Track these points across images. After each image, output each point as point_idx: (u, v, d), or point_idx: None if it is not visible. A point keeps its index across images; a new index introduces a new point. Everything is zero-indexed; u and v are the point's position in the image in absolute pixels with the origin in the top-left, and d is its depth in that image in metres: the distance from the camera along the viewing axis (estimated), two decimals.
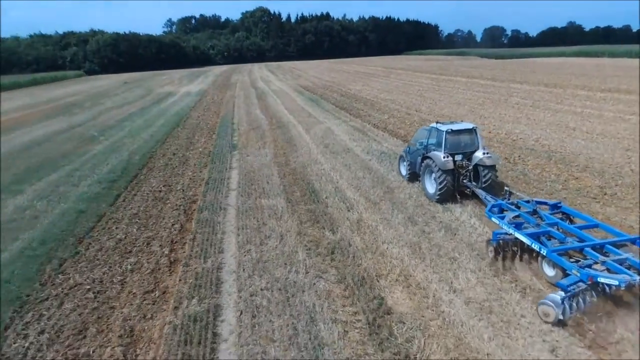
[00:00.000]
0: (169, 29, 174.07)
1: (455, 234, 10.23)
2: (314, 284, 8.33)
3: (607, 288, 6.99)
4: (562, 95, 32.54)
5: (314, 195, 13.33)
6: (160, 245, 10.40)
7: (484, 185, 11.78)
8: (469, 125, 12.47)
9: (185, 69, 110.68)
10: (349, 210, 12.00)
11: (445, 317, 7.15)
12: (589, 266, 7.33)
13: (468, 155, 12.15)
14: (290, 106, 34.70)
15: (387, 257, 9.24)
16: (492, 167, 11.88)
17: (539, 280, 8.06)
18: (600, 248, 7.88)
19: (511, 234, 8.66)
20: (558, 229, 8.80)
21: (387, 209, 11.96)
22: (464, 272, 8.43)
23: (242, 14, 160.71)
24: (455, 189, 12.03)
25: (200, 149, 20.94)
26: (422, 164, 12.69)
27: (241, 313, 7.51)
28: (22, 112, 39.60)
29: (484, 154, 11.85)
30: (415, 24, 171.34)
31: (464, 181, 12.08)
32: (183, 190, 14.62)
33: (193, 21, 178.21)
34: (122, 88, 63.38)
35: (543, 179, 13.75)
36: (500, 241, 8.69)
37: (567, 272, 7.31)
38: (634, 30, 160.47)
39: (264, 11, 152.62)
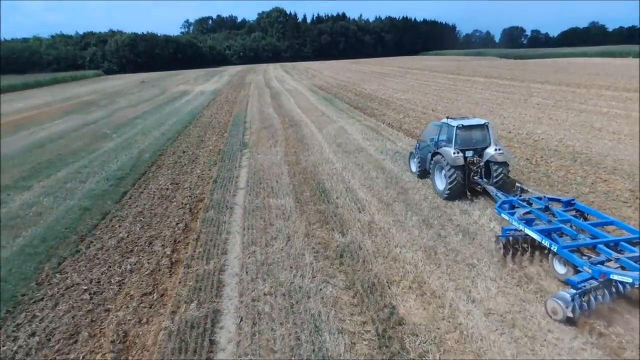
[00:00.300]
0: (187, 29, 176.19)
1: (473, 239, 9.55)
2: (321, 289, 7.79)
3: (620, 287, 6.67)
4: (585, 95, 31.23)
5: (324, 195, 12.79)
6: (162, 245, 10.00)
7: (495, 182, 11.44)
8: (481, 121, 12.14)
9: (201, 69, 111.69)
10: (360, 212, 11.42)
11: (462, 330, 6.52)
12: (602, 263, 7.00)
13: (479, 152, 11.83)
14: (303, 105, 34.25)
15: (399, 262, 8.63)
16: (504, 164, 11.53)
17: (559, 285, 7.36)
18: (614, 245, 7.58)
19: (521, 230, 8.39)
20: (571, 226, 8.45)
21: (401, 210, 11.34)
22: (483, 281, 7.77)
23: (258, 14, 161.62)
24: (465, 186, 11.69)
25: (210, 147, 20.62)
26: (432, 160, 12.45)
27: (241, 320, 7.02)
28: (39, 110, 40.13)
29: (495, 150, 11.48)
30: (432, 24, 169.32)
31: (475, 178, 11.74)
32: (190, 189, 14.26)
33: (210, 22, 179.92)
34: (139, 87, 63.97)
35: (568, 181, 12.91)
36: (510, 237, 8.45)
37: (579, 269, 7.05)
38: None
39: (280, 12, 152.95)
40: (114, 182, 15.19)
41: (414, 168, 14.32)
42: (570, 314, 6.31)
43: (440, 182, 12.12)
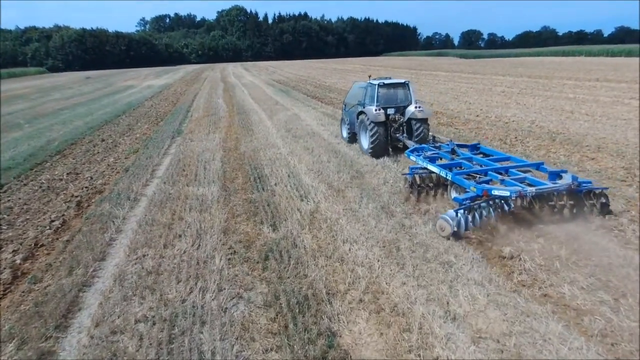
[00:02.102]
0: (143, 27, 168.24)
1: None
2: (226, 309, 5.11)
3: (505, 206, 7.13)
4: (548, 84, 30.33)
5: (260, 182, 10.11)
6: (14, 251, 6.96)
7: (417, 139, 11.52)
8: (401, 80, 12.58)
9: (156, 67, 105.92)
10: (302, 200, 8.82)
11: None
12: (487, 182, 7.57)
13: (401, 110, 12.09)
14: (257, 96, 31.40)
15: (347, 264, 6.09)
16: (424, 121, 11.74)
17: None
18: (505, 172, 8.14)
19: (426, 168, 8.75)
20: (472, 163, 8.87)
21: (355, 196, 8.84)
22: (465, 286, 5.36)
23: (218, 12, 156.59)
24: (388, 142, 12.01)
25: (137, 135, 17.42)
26: (358, 120, 12.51)
27: None
28: None
29: (416, 107, 11.74)
30: (394, 26, 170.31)
31: (397, 134, 12.07)
32: (91, 179, 11.16)
33: (167, 20, 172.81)
34: (81, 83, 58.63)
35: (551, 160, 10.92)
36: (416, 176, 8.69)
37: (466, 189, 7.38)
38: (605, 35, 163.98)
39: (240, 10, 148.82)
40: None
41: (344, 134, 14.20)
42: (455, 229, 6.63)
43: (365, 141, 12.14)
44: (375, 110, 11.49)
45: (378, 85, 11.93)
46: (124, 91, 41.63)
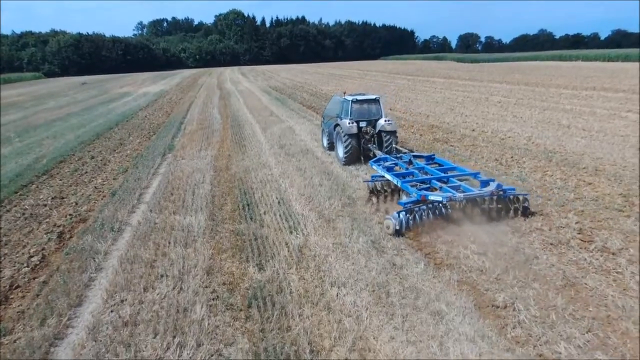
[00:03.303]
0: (140, 31, 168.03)
1: (439, 268, 6.92)
2: None
3: (443, 209, 8.35)
4: (545, 93, 30.18)
5: (249, 210, 9.83)
6: None
7: (386, 150, 12.78)
8: (373, 96, 13.72)
9: (153, 72, 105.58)
10: (291, 232, 8.55)
11: None
12: (426, 189, 9.00)
13: (372, 123, 13.30)
14: (253, 105, 31.17)
15: (334, 313, 5.82)
16: (393, 133, 13.00)
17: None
18: (445, 181, 9.45)
19: (383, 176, 10.08)
20: (422, 172, 10.15)
21: (345, 228, 8.57)
22: (457, 342, 5.09)
23: (215, 17, 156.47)
24: (360, 152, 13.22)
25: (128, 152, 17.13)
26: (335, 131, 13.82)
27: None
28: None
29: (385, 121, 13.00)
30: (392, 30, 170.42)
31: (368, 145, 13.27)
32: (76, 204, 10.86)
33: (165, 24, 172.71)
34: (76, 89, 58.33)
35: (548, 185, 10.67)
36: (376, 183, 10.07)
37: (410, 195, 8.81)
38: (602, 38, 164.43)
39: (237, 14, 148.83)
40: None
41: (325, 143, 15.25)
42: (397, 227, 7.95)
43: (340, 150, 13.31)
44: (349, 123, 12.80)
45: (352, 101, 13.24)
46: (119, 99, 41.32)
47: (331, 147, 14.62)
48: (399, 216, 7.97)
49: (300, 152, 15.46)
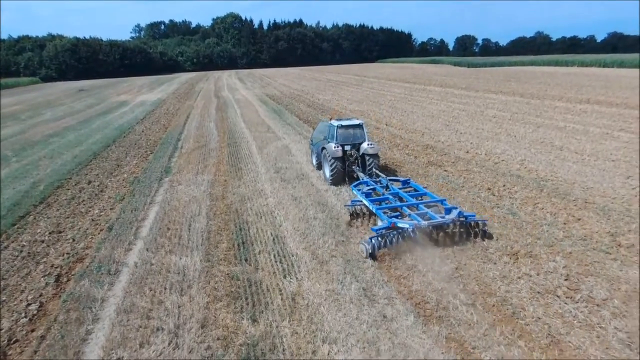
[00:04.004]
0: (138, 34, 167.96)
1: (427, 321, 7.10)
2: None
3: (411, 233, 9.22)
4: (540, 106, 30.46)
5: (244, 250, 9.98)
6: None
7: (368, 171, 13.86)
8: (357, 122, 14.80)
9: (151, 76, 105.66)
10: (285, 276, 8.72)
11: None
12: (397, 217, 10.10)
13: (357, 146, 14.37)
14: (250, 118, 31.36)
15: None
16: (375, 155, 14.07)
17: None
18: (415, 207, 10.60)
19: (361, 200, 11.30)
20: (396, 197, 11.37)
21: (338, 272, 8.74)
22: None
23: (213, 20, 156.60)
24: (345, 173, 14.30)
25: (125, 175, 17.26)
26: (322, 153, 14.90)
27: None
28: None
29: (368, 145, 14.04)
30: (389, 32, 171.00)
31: (352, 167, 14.33)
32: (74, 240, 11.00)
33: (162, 27, 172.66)
34: (73, 97, 58.37)
35: (537, 222, 10.86)
36: (356, 206, 11.20)
37: (382, 221, 9.90)
38: (598, 40, 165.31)
39: (235, 17, 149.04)
40: None
41: (314, 162, 16.55)
42: (370, 250, 8.98)
43: (327, 171, 14.34)
44: (335, 147, 13.87)
45: (337, 126, 14.35)
46: (116, 110, 41.42)
47: (319, 166, 15.83)
48: (371, 241, 9.02)
49: (296, 177, 15.62)
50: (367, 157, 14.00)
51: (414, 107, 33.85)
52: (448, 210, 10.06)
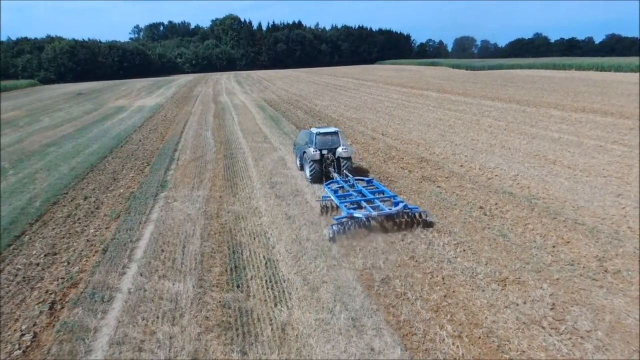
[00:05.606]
0: (136, 35, 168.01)
1: (415, 354, 7.22)
2: None
3: (366, 221, 11.56)
4: (535, 115, 30.62)
5: (236, 275, 10.10)
6: None
7: (343, 171, 15.89)
8: (333, 129, 17.08)
9: (150, 78, 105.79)
10: (276, 304, 8.84)
11: None
12: (355, 209, 12.28)
13: (333, 150, 16.39)
14: (247, 126, 31.51)
15: None
16: (349, 158, 16.34)
17: None
18: (372, 201, 12.88)
19: (329, 197, 13.47)
20: (359, 194, 13.75)
21: (329, 299, 8.88)
22: None
23: (212, 21, 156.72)
24: (322, 174, 16.47)
25: (121, 190, 17.38)
26: (303, 157, 17.35)
27: None
28: None
29: (342, 149, 16.28)
30: (388, 34, 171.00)
31: (329, 168, 16.39)
32: (69, 263, 11.12)
33: (161, 28, 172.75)
34: (72, 101, 58.47)
35: (527, 245, 10.99)
36: (326, 202, 13.29)
37: (343, 212, 11.89)
38: (597, 42, 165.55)
39: (234, 19, 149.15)
40: None
41: (298, 164, 18.72)
42: (331, 235, 11.25)
43: (307, 171, 16.83)
44: (313, 151, 16.14)
45: (316, 133, 16.63)
46: (114, 116, 41.52)
47: (302, 167, 18.19)
48: (332, 228, 11.33)
49: (290, 193, 15.75)
50: (341, 160, 16.18)
51: (411, 114, 34.00)
52: (396, 204, 12.43)
